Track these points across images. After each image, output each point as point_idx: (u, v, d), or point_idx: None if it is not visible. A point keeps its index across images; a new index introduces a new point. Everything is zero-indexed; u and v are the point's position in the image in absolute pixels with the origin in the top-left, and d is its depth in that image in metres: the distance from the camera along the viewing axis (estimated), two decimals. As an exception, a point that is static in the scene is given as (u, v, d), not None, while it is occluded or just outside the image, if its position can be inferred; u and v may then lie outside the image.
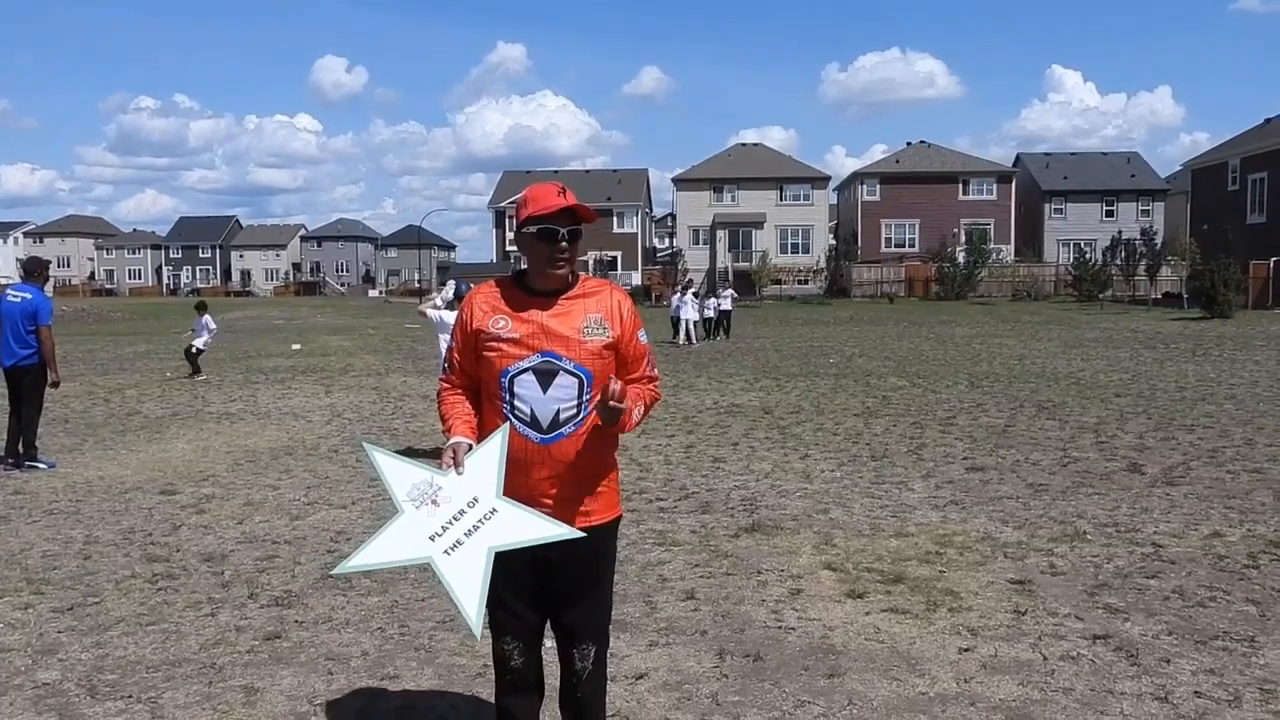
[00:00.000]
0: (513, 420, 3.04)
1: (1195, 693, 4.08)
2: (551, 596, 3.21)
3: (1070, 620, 4.96)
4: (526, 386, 3.03)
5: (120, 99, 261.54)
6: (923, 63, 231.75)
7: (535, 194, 3.08)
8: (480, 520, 2.92)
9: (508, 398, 3.05)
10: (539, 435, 3.03)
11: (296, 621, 5.08)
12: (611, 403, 2.92)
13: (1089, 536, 6.52)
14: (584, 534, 3.00)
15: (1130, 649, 4.57)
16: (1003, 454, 9.53)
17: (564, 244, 3.03)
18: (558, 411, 3.02)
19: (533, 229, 3.04)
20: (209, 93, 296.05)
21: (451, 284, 10.45)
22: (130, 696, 4.18)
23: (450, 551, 2.89)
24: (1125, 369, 17.61)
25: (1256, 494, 7.68)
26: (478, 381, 3.16)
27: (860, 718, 3.91)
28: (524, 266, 3.18)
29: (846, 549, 6.30)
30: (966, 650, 4.58)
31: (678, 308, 26.05)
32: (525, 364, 3.03)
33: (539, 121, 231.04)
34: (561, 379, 3.03)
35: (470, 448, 3.02)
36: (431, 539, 2.90)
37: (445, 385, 3.25)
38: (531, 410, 3.03)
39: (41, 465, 9.26)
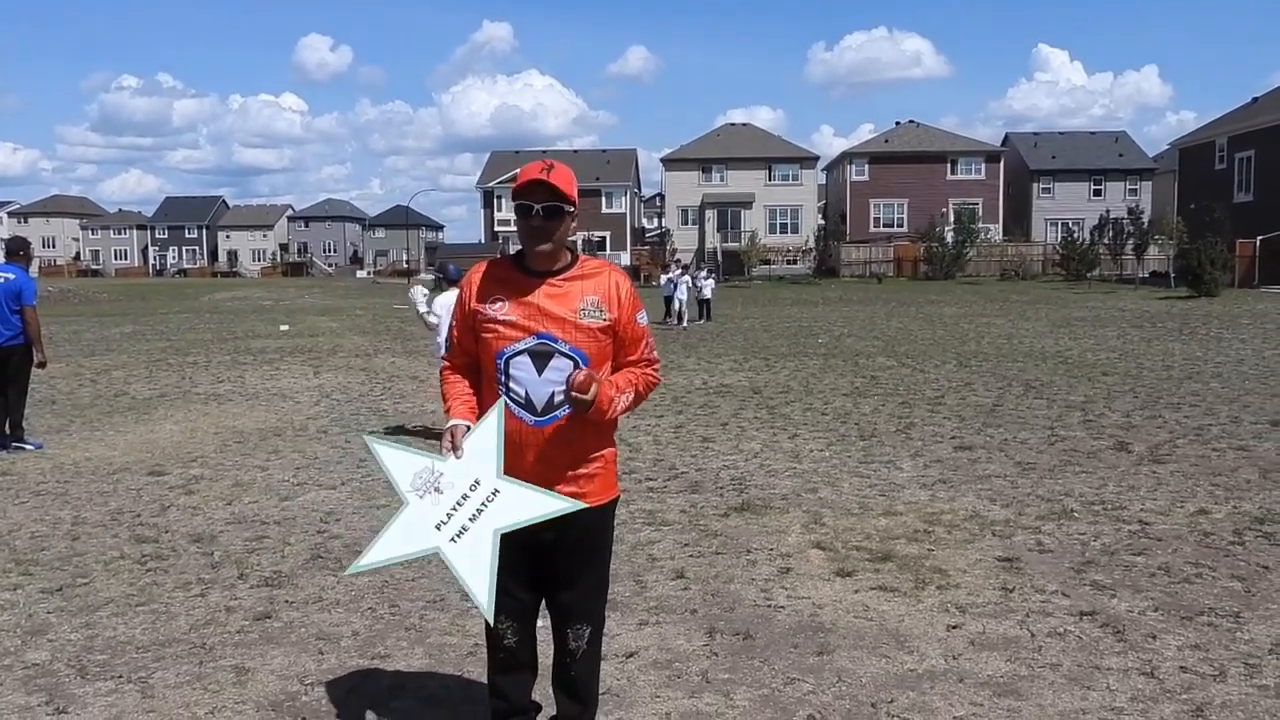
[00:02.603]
0: (508, 402, 3.04)
1: (1181, 668, 4.12)
2: (548, 577, 3.23)
3: (1057, 597, 5.00)
4: (522, 368, 3.03)
5: (102, 78, 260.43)
6: (909, 42, 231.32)
7: (522, 171, 3.10)
8: (484, 503, 2.94)
9: (503, 379, 3.05)
10: (533, 417, 3.03)
11: (286, 601, 5.08)
12: (573, 393, 2.92)
13: (1076, 514, 6.56)
14: (586, 505, 3.02)
15: (1117, 625, 4.60)
16: (991, 433, 9.57)
17: (538, 219, 3.01)
18: (552, 394, 3.01)
19: (514, 205, 3.05)
20: (192, 72, 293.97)
21: (443, 267, 10.31)
22: (120, 676, 4.18)
23: (457, 539, 2.92)
24: (1112, 348, 17.68)
25: (1242, 471, 7.74)
26: (478, 361, 3.17)
27: (849, 695, 3.93)
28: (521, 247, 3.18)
29: (835, 528, 6.32)
30: (955, 627, 4.61)
31: (673, 287, 25.96)
32: (521, 346, 3.03)
33: (526, 101, 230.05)
34: (557, 361, 3.02)
35: (469, 429, 3.02)
36: (438, 528, 2.93)
37: (446, 365, 3.26)
38: (526, 392, 3.03)
39: (29, 446, 9.22)
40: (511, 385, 3.04)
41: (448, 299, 9.37)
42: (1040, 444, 8.97)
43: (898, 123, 69.95)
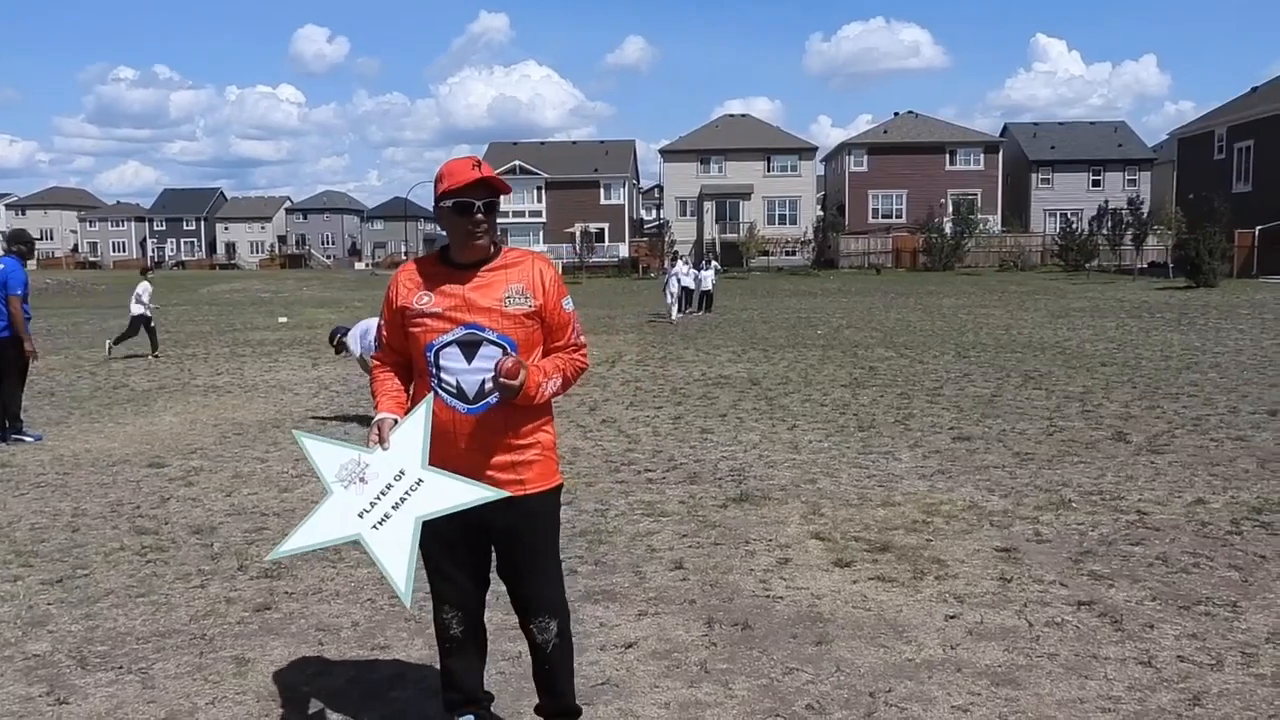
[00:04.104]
0: (439, 392, 3.08)
1: (1178, 657, 4.13)
2: (500, 571, 3.29)
3: (1055, 587, 5.01)
4: (451, 359, 3.08)
5: (99, 69, 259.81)
6: (907, 32, 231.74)
7: (450, 169, 3.11)
8: (407, 492, 2.97)
9: (434, 371, 3.10)
10: (466, 406, 3.08)
11: (286, 593, 5.09)
12: (501, 379, 2.95)
13: (1074, 504, 6.57)
14: (509, 494, 3.05)
15: (1114, 615, 4.61)
16: (989, 423, 9.58)
17: (480, 216, 3.06)
18: (483, 382, 3.06)
19: (449, 203, 3.07)
20: (189, 63, 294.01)
21: (335, 333, 10.73)
22: (121, 667, 4.19)
23: (379, 526, 2.95)
24: (1111, 338, 17.68)
25: (1240, 461, 7.75)
26: (408, 358, 3.22)
27: (848, 684, 3.94)
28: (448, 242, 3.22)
29: (834, 518, 6.33)
30: (953, 617, 4.62)
31: (665, 278, 25.90)
32: (449, 337, 3.08)
33: (523, 92, 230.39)
34: (486, 349, 3.07)
35: (396, 423, 3.07)
36: (360, 516, 2.96)
37: (376, 363, 3.33)
38: (458, 381, 3.08)
39: (28, 438, 9.22)
40: (443, 376, 3.09)
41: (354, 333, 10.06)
42: (1038, 434, 8.98)
43: (896, 113, 69.91)
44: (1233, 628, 4.44)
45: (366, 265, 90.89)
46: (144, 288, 17.62)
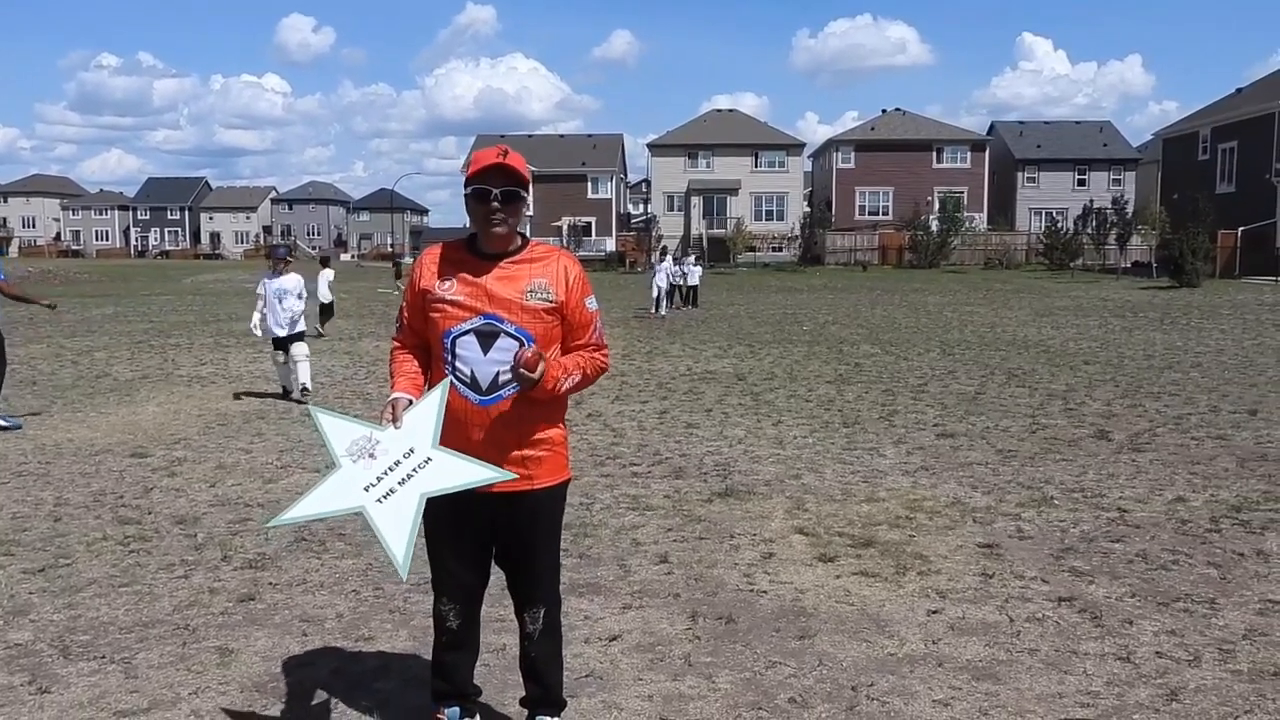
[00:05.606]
0: (454, 381, 3.09)
1: (1156, 653, 4.17)
2: (500, 560, 3.31)
3: (1036, 583, 5.05)
4: (468, 348, 3.09)
5: (81, 56, 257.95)
6: (894, 29, 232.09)
7: (476, 155, 3.12)
8: (414, 469, 2.99)
9: (450, 358, 3.11)
10: (478, 396, 3.09)
11: (270, 584, 5.08)
12: (520, 370, 2.96)
13: (1056, 501, 6.62)
14: (515, 476, 3.06)
15: (1094, 611, 4.65)
16: (973, 421, 9.63)
17: (497, 203, 3.05)
18: (497, 374, 3.07)
19: (469, 190, 3.08)
20: (173, 51, 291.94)
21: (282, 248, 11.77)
22: (103, 657, 4.18)
23: (383, 500, 2.98)
24: (1094, 337, 17.79)
25: (1220, 460, 7.81)
26: (427, 341, 3.23)
27: (830, 678, 3.97)
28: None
29: (818, 514, 6.36)
30: (935, 612, 4.66)
31: (653, 273, 25.89)
32: (467, 325, 3.09)
33: (510, 85, 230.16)
34: (502, 341, 3.07)
35: (410, 403, 3.09)
36: (366, 489, 2.99)
37: (396, 344, 3.34)
38: (472, 371, 3.09)
39: (5, 424, 9.16)
40: (457, 364, 3.10)
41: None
42: (1021, 432, 9.04)
43: (884, 110, 69.97)
44: (1210, 624, 4.49)
45: (352, 257, 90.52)
46: (328, 275, 19.35)
